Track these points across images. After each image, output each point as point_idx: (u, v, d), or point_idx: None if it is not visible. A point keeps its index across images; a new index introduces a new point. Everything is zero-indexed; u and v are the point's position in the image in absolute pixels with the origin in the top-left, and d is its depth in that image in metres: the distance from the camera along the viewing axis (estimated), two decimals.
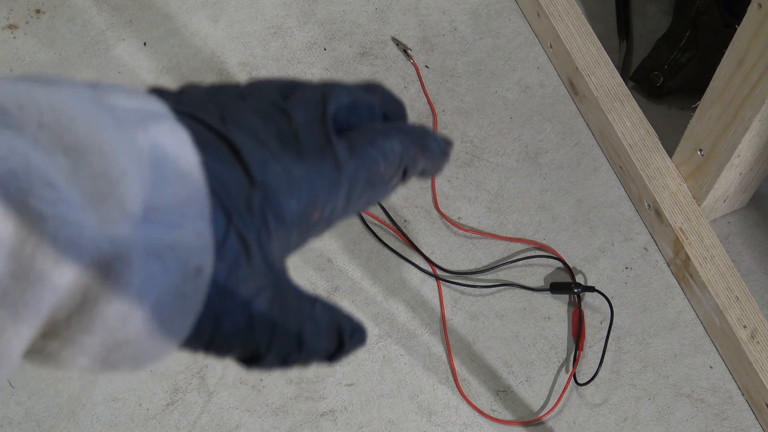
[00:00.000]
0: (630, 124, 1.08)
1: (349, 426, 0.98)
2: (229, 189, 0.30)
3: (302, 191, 0.32)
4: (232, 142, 0.31)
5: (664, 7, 1.23)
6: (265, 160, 0.31)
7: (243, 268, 0.30)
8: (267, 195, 0.31)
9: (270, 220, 0.31)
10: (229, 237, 0.30)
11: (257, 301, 0.31)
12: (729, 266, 1.01)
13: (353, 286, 1.05)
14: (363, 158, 0.34)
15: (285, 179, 0.32)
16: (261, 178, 0.31)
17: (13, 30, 1.19)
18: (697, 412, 0.99)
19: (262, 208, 0.31)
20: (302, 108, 0.34)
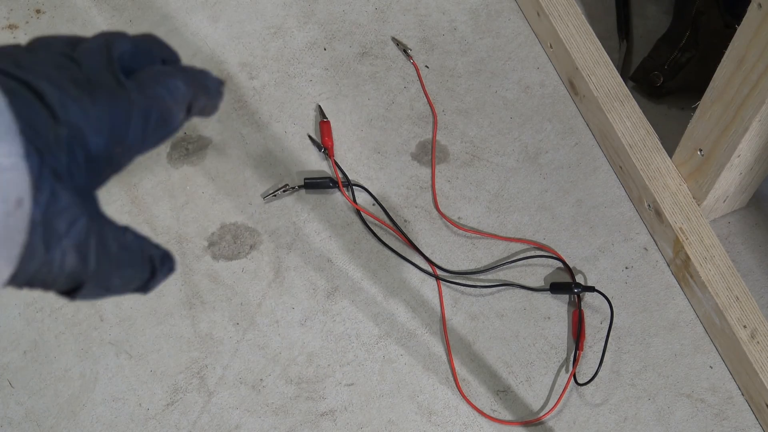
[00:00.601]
0: (630, 124, 1.08)
1: (349, 426, 0.98)
2: (38, 128, 0.33)
3: (103, 127, 0.35)
4: (34, 86, 0.34)
5: (664, 7, 1.23)
6: (65, 101, 0.34)
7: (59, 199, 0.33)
8: (72, 132, 0.34)
9: (78, 154, 0.34)
10: (43, 171, 0.32)
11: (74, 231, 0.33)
12: (729, 266, 1.01)
13: (353, 286, 1.05)
14: (152, 95, 0.37)
15: (85, 117, 0.35)
16: (64, 117, 0.34)
17: (13, 30, 1.19)
18: (697, 412, 0.99)
19: (70, 144, 0.34)
20: (89, 55, 0.37)
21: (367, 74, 1.17)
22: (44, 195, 0.32)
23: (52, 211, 0.32)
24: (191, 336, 1.02)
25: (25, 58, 0.35)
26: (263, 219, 1.08)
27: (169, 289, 1.04)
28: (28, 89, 0.33)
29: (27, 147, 0.32)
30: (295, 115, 1.15)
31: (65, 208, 0.33)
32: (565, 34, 1.14)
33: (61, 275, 0.34)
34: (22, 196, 0.31)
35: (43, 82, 0.34)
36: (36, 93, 0.33)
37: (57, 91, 0.34)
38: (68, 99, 0.34)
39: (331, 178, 1.09)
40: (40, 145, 0.32)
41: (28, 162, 0.31)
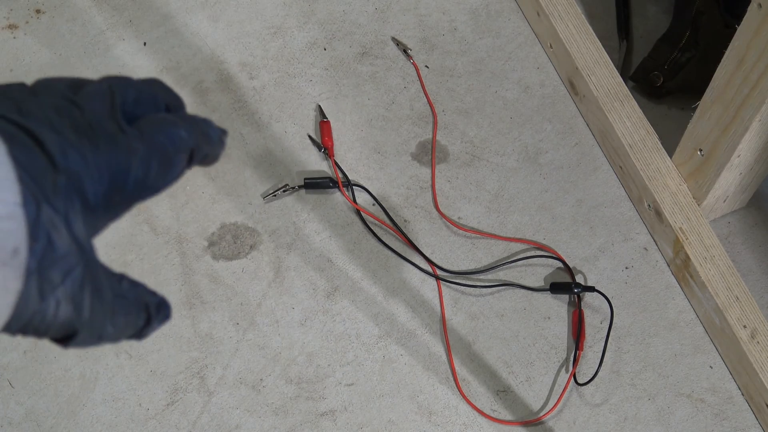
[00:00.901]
0: (630, 124, 1.08)
1: (349, 426, 0.98)
2: (36, 175, 0.32)
3: (102, 175, 0.35)
4: (34, 133, 0.33)
5: (664, 7, 1.23)
6: (65, 148, 0.34)
7: (55, 248, 0.32)
8: (71, 180, 0.34)
9: (76, 203, 0.34)
10: (40, 219, 0.32)
11: (69, 280, 0.33)
12: (729, 266, 1.01)
13: (353, 286, 1.05)
14: (153, 144, 0.37)
15: (85, 165, 0.34)
16: (63, 165, 0.33)
17: (13, 30, 1.19)
18: (697, 412, 0.99)
19: (68, 192, 0.34)
20: (92, 100, 0.37)
21: (367, 74, 1.17)
22: (40, 244, 0.32)
23: (48, 260, 0.32)
24: (191, 336, 1.02)
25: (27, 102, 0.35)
26: (263, 219, 1.08)
27: (169, 289, 1.04)
28: (28, 135, 0.33)
29: (25, 195, 0.31)
30: (295, 115, 1.15)
31: (61, 257, 0.33)
32: (565, 34, 1.14)
33: (54, 324, 0.33)
34: (18, 246, 0.31)
35: (44, 128, 0.34)
36: (36, 139, 0.33)
37: (57, 137, 0.34)
38: (68, 145, 0.34)
39: (331, 178, 1.09)
40: (38, 193, 0.32)
41: (25, 210, 0.31)
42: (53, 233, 0.32)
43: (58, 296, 0.33)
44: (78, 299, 0.34)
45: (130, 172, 0.36)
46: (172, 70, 1.17)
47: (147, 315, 0.39)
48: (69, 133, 0.34)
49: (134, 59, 1.17)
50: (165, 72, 1.16)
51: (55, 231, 0.32)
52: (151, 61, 1.17)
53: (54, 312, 0.33)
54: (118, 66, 1.16)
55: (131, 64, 1.17)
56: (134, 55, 1.17)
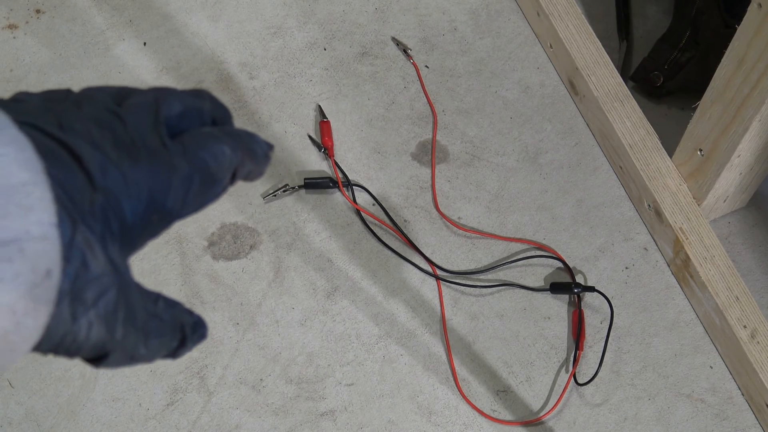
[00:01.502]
0: (630, 124, 1.08)
1: (349, 426, 0.98)
2: (73, 194, 0.32)
3: (141, 194, 0.34)
4: (73, 149, 0.32)
5: (664, 7, 1.23)
6: (104, 166, 0.33)
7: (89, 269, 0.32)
8: (108, 199, 0.33)
9: (113, 223, 0.33)
10: (75, 240, 0.31)
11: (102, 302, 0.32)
12: (729, 266, 1.01)
13: (353, 286, 1.05)
14: (196, 161, 0.36)
15: (124, 183, 0.33)
16: (102, 183, 0.33)
17: (13, 30, 1.19)
18: (697, 412, 0.99)
19: (105, 212, 0.33)
20: (136, 114, 0.36)
21: (367, 74, 1.17)
22: (74, 265, 0.31)
23: (81, 281, 0.31)
24: None
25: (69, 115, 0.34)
26: (263, 219, 1.08)
27: (169, 289, 1.04)
28: (68, 152, 0.32)
29: (60, 215, 0.31)
30: (295, 115, 1.15)
31: (95, 278, 0.32)
32: (565, 34, 1.14)
33: (86, 345, 0.33)
34: (51, 267, 0.30)
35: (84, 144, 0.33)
36: (75, 156, 0.32)
37: (97, 153, 0.33)
38: (108, 163, 0.33)
39: (331, 178, 1.09)
40: (74, 213, 0.31)
41: (60, 231, 0.30)
42: (88, 254, 0.32)
43: (90, 318, 0.32)
44: (111, 321, 0.33)
45: (170, 191, 0.35)
46: (172, 70, 1.17)
47: (182, 335, 0.38)
48: (109, 150, 0.34)
49: (134, 59, 1.17)
50: (165, 72, 1.16)
51: (90, 252, 0.32)
52: (151, 61, 1.17)
53: (86, 333, 0.32)
54: (118, 66, 1.17)
55: (131, 64, 1.17)
56: (134, 55, 1.17)
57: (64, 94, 0.35)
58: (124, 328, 0.34)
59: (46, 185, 0.30)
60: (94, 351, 0.33)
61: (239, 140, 0.39)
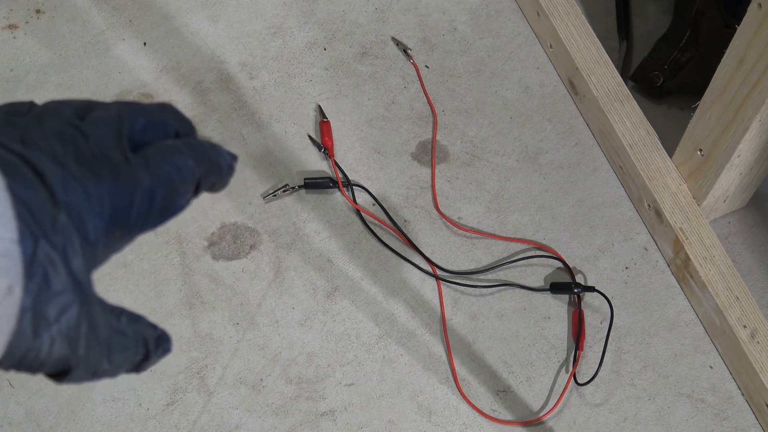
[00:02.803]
0: (630, 124, 1.08)
1: (349, 426, 0.98)
2: (35, 210, 0.31)
3: (104, 209, 0.34)
4: (35, 165, 0.32)
5: (664, 7, 1.23)
6: (67, 181, 0.33)
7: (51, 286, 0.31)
8: (71, 215, 0.33)
9: (75, 238, 0.33)
10: (36, 257, 0.31)
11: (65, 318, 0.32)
12: (729, 266, 1.01)
13: (353, 286, 1.05)
14: (159, 174, 0.36)
15: (86, 199, 0.33)
16: (64, 199, 0.33)
17: (13, 30, 1.19)
18: (697, 412, 0.99)
19: (67, 228, 0.32)
20: (98, 128, 0.36)
21: (367, 74, 1.17)
22: (36, 281, 0.31)
23: (43, 297, 0.31)
24: (191, 336, 1.02)
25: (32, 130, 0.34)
26: (263, 219, 1.08)
27: (169, 289, 1.04)
28: (30, 168, 0.32)
29: (22, 232, 0.31)
30: (295, 115, 1.15)
31: (57, 294, 0.32)
32: (565, 34, 1.14)
33: (48, 361, 0.32)
34: (12, 284, 0.30)
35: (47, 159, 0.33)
36: (37, 172, 0.32)
37: (60, 169, 0.33)
38: (70, 178, 0.33)
39: (331, 178, 1.09)
40: (37, 230, 0.31)
41: (21, 248, 0.30)
42: (50, 270, 0.31)
43: (52, 334, 0.32)
44: (73, 336, 0.33)
45: (133, 206, 0.35)
46: (172, 70, 1.17)
47: (146, 350, 0.38)
48: (72, 165, 0.34)
49: (134, 59, 1.17)
50: (165, 72, 1.16)
51: (52, 268, 0.32)
52: (151, 61, 1.17)
53: (48, 349, 0.32)
54: (118, 66, 1.17)
55: (131, 64, 1.17)
56: (134, 55, 1.17)
57: (27, 107, 0.35)
58: (87, 344, 0.34)
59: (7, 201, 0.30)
60: (56, 367, 0.33)
61: (203, 152, 0.39)
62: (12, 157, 0.32)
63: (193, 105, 1.14)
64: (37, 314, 0.31)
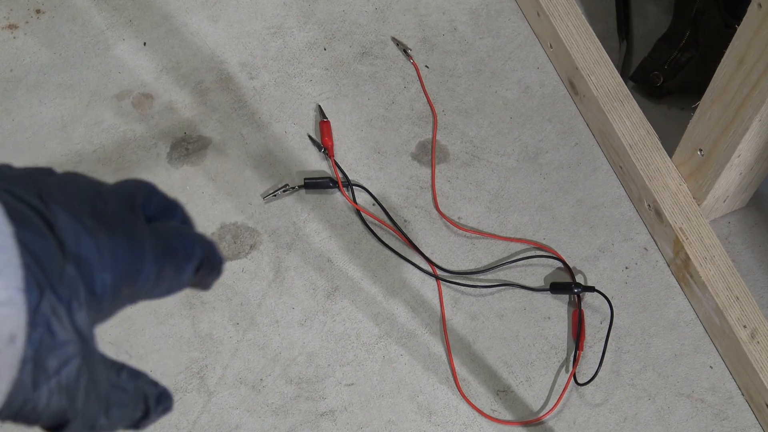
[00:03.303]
0: (630, 124, 1.08)
1: (349, 426, 0.98)
2: (43, 261, 0.31)
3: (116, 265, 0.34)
4: (47, 216, 0.33)
5: (664, 7, 1.23)
6: (79, 234, 0.33)
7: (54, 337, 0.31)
8: (80, 267, 0.33)
9: (81, 291, 0.33)
10: (41, 307, 0.31)
11: (65, 370, 0.32)
12: (729, 266, 1.01)
13: (353, 286, 1.05)
14: (168, 246, 0.37)
15: (97, 254, 0.34)
16: (75, 251, 0.33)
17: (13, 30, 1.19)
18: (697, 412, 0.99)
19: (74, 280, 0.33)
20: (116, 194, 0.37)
21: (367, 74, 1.17)
22: (39, 332, 0.31)
23: (46, 348, 0.31)
24: (191, 336, 1.02)
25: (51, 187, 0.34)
26: (263, 219, 1.08)
27: None
28: (41, 219, 0.32)
29: (28, 281, 0.31)
30: (295, 115, 1.15)
31: (59, 346, 0.32)
32: (565, 34, 1.14)
33: (46, 413, 0.32)
34: (15, 333, 0.30)
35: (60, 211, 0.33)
36: (48, 223, 0.32)
37: (73, 223, 0.33)
38: (83, 231, 0.33)
39: (331, 178, 1.09)
40: (42, 280, 0.31)
41: (26, 297, 0.30)
42: (54, 321, 0.31)
43: (52, 386, 0.32)
44: (72, 390, 0.33)
45: (143, 267, 0.35)
46: (172, 70, 1.17)
47: (145, 407, 0.38)
48: (86, 220, 0.34)
49: (134, 59, 1.17)
50: (165, 72, 1.16)
51: (56, 319, 0.31)
52: (151, 61, 1.17)
53: (47, 401, 0.32)
54: (118, 66, 1.17)
55: (131, 64, 1.17)
56: (134, 55, 1.17)
57: (48, 171, 0.36)
58: (86, 398, 0.33)
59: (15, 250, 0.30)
60: (53, 419, 0.33)
61: (205, 240, 0.40)
62: (23, 207, 0.32)
63: (193, 105, 1.14)
64: (38, 365, 0.31)
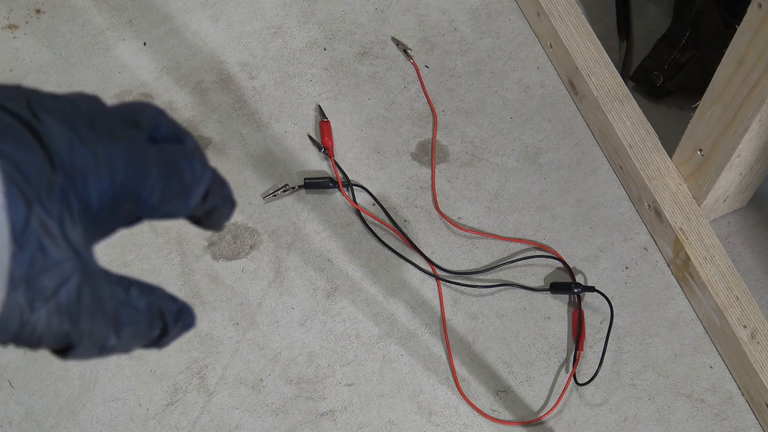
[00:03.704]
0: (630, 124, 1.08)
1: (349, 426, 0.98)
2: (30, 174, 0.29)
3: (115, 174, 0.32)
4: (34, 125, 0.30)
5: (664, 7, 1.23)
6: (72, 143, 0.31)
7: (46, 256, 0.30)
8: (73, 179, 0.31)
9: (74, 205, 0.31)
10: (29, 224, 0.29)
11: (63, 290, 0.30)
12: (729, 266, 1.01)
13: (353, 286, 1.05)
14: (173, 163, 0.35)
15: (93, 162, 0.31)
16: (67, 161, 0.31)
17: (13, 30, 1.19)
18: (697, 412, 0.99)
19: (65, 194, 0.31)
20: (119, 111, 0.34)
21: (367, 74, 1.17)
22: (29, 251, 0.29)
23: (38, 268, 0.29)
24: (191, 336, 1.02)
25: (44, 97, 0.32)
26: (263, 219, 1.08)
27: (169, 289, 1.04)
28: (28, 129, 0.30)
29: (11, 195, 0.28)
30: (295, 115, 1.15)
31: (53, 265, 0.30)
32: (565, 34, 1.14)
33: (48, 335, 0.31)
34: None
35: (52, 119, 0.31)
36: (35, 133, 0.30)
37: (67, 130, 0.31)
38: (77, 141, 0.31)
39: (331, 178, 1.09)
40: (30, 193, 0.29)
41: (9, 213, 0.28)
42: (45, 239, 0.30)
43: (50, 307, 0.30)
44: (74, 311, 0.31)
45: (147, 180, 0.33)
46: (172, 70, 1.17)
47: (163, 323, 0.35)
48: (82, 128, 0.32)
49: (134, 59, 1.17)
50: (165, 72, 1.16)
51: (48, 236, 0.30)
52: (151, 61, 1.17)
53: (46, 323, 0.30)
54: (118, 66, 1.17)
55: (131, 64, 1.17)
56: (134, 55, 1.17)
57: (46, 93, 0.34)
58: (90, 318, 0.32)
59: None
60: (58, 342, 0.31)
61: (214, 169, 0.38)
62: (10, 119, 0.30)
63: (193, 105, 1.14)
64: (33, 285, 0.29)
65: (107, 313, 0.33)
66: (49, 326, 0.30)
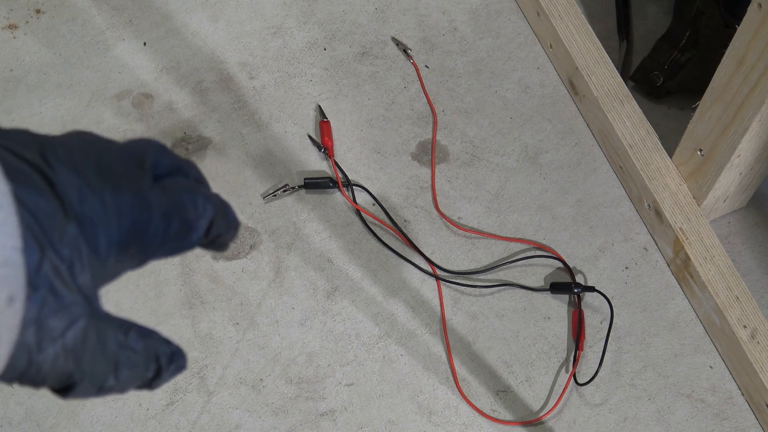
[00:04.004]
0: (630, 124, 1.08)
1: (349, 426, 0.98)
2: (43, 220, 0.31)
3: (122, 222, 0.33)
4: (48, 173, 0.32)
5: (664, 7, 1.23)
6: (82, 192, 0.32)
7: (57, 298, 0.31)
8: (82, 226, 0.32)
9: (83, 251, 0.32)
10: (42, 268, 0.30)
11: (70, 332, 0.31)
12: (729, 266, 1.01)
13: (353, 286, 1.05)
14: (176, 202, 0.36)
15: (101, 212, 0.33)
16: (78, 209, 0.32)
17: (13, 30, 1.19)
18: (697, 412, 0.99)
19: (76, 240, 0.32)
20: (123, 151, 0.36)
21: (367, 74, 1.17)
22: (41, 293, 0.30)
23: (48, 310, 0.31)
24: (191, 336, 1.02)
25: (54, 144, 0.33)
26: (263, 219, 1.08)
27: (169, 289, 1.04)
28: (42, 177, 0.31)
29: (27, 240, 0.30)
30: (295, 115, 1.15)
31: (63, 307, 0.31)
32: (565, 34, 1.14)
33: (52, 375, 0.32)
34: (13, 294, 0.29)
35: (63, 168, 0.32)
36: (49, 181, 0.32)
37: (77, 179, 0.32)
38: (87, 189, 0.32)
39: (331, 178, 1.09)
40: (43, 239, 0.30)
41: (25, 257, 0.30)
42: (56, 282, 0.31)
43: (57, 348, 0.31)
44: (79, 352, 0.32)
45: (150, 223, 0.35)
46: (172, 70, 1.17)
47: (157, 366, 0.37)
48: (92, 175, 0.33)
49: (134, 59, 1.17)
50: (165, 72, 1.16)
51: (59, 280, 0.31)
52: (151, 61, 1.17)
53: (52, 364, 0.31)
54: (118, 66, 1.17)
55: (131, 64, 1.17)
56: (134, 55, 1.17)
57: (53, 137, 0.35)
58: (93, 359, 0.33)
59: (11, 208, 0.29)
60: (60, 381, 0.32)
61: (217, 199, 0.39)
62: (22, 165, 0.31)
63: (193, 105, 1.14)
64: (42, 327, 0.30)
65: (108, 354, 0.34)
66: (55, 366, 0.32)
